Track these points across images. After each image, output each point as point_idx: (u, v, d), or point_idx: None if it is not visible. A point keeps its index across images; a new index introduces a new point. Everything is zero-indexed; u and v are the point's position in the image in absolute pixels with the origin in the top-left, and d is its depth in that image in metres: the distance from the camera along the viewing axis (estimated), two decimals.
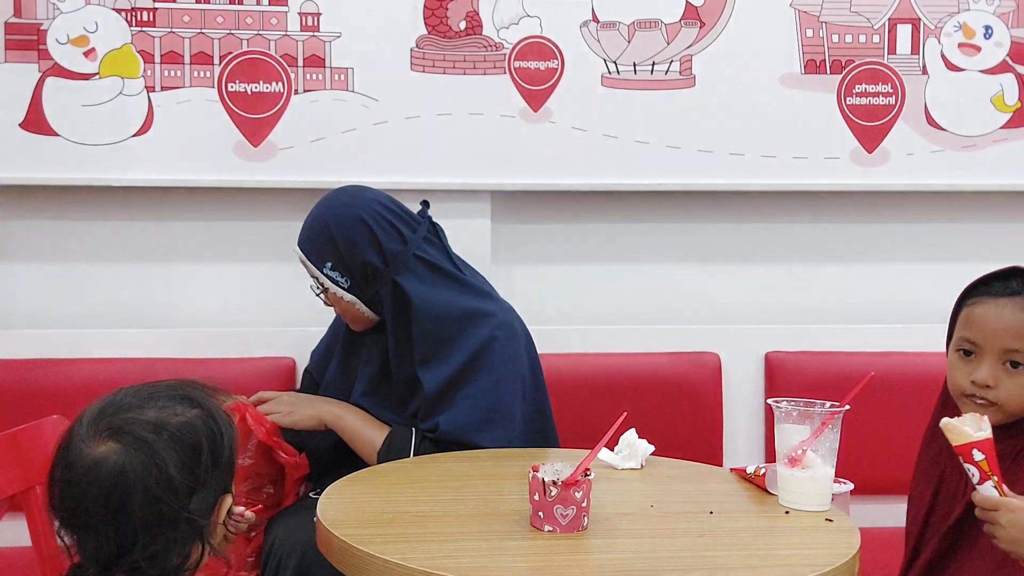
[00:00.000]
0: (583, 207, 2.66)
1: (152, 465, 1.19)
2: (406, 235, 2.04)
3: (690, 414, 2.54)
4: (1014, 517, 1.40)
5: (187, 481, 1.21)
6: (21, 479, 1.69)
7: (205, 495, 1.23)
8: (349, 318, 2.09)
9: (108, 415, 1.23)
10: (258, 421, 1.99)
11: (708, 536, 1.50)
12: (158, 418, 1.23)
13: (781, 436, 1.64)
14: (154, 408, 1.24)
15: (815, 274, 2.73)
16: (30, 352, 2.42)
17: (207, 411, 1.27)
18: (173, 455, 1.21)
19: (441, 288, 2.03)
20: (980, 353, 1.60)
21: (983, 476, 1.42)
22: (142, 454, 1.19)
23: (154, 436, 1.21)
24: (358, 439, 2.02)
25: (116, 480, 1.18)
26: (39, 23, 2.43)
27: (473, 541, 1.45)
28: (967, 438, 1.43)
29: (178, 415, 1.24)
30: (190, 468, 1.22)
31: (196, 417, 1.25)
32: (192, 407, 1.26)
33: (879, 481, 2.48)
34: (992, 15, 2.65)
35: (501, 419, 1.99)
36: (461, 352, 1.99)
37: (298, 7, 2.49)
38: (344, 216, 2.02)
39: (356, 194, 2.08)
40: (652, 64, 2.59)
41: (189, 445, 1.22)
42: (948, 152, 2.67)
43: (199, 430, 1.24)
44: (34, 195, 2.50)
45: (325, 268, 2.03)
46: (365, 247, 2.00)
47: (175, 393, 1.27)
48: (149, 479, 1.19)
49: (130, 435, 1.20)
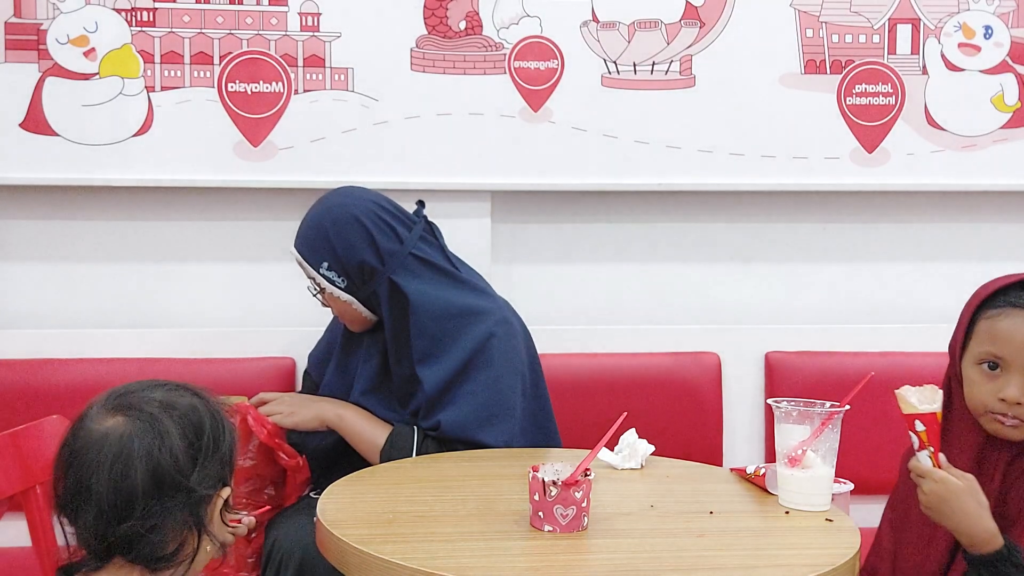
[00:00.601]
0: (583, 207, 2.66)
1: (157, 435, 1.25)
2: (402, 234, 2.04)
3: (690, 414, 2.54)
4: (935, 487, 1.48)
5: (189, 454, 1.27)
6: (21, 479, 1.69)
7: (205, 474, 1.28)
8: (347, 318, 2.09)
9: (116, 397, 1.30)
10: (259, 423, 2.00)
11: (708, 536, 1.50)
12: (165, 398, 1.30)
13: (781, 436, 1.64)
14: (161, 391, 1.31)
15: (815, 274, 2.73)
16: (30, 352, 2.42)
17: (210, 403, 1.34)
18: (177, 429, 1.27)
19: (438, 286, 2.04)
20: (1008, 369, 1.53)
21: (921, 445, 1.52)
22: (148, 425, 1.26)
23: (160, 411, 1.28)
24: (360, 439, 2.02)
25: (121, 447, 1.24)
26: (39, 23, 2.43)
27: (473, 541, 1.45)
28: (912, 409, 1.52)
29: (183, 398, 1.32)
30: (192, 442, 1.28)
31: (200, 403, 1.33)
32: (196, 397, 1.33)
33: (879, 481, 2.47)
34: (992, 15, 2.65)
35: (503, 415, 1.99)
36: (460, 350, 2.00)
37: (298, 7, 2.49)
38: (340, 216, 2.02)
39: (351, 194, 2.09)
40: (652, 64, 2.59)
41: (193, 424, 1.29)
42: (948, 152, 2.67)
43: (203, 413, 1.31)
44: (34, 195, 2.49)
45: (322, 268, 2.03)
46: (361, 247, 2.00)
47: (180, 385, 1.35)
48: (154, 447, 1.25)
49: (137, 409, 1.27)
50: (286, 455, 2.02)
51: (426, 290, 2.02)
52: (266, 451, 2.01)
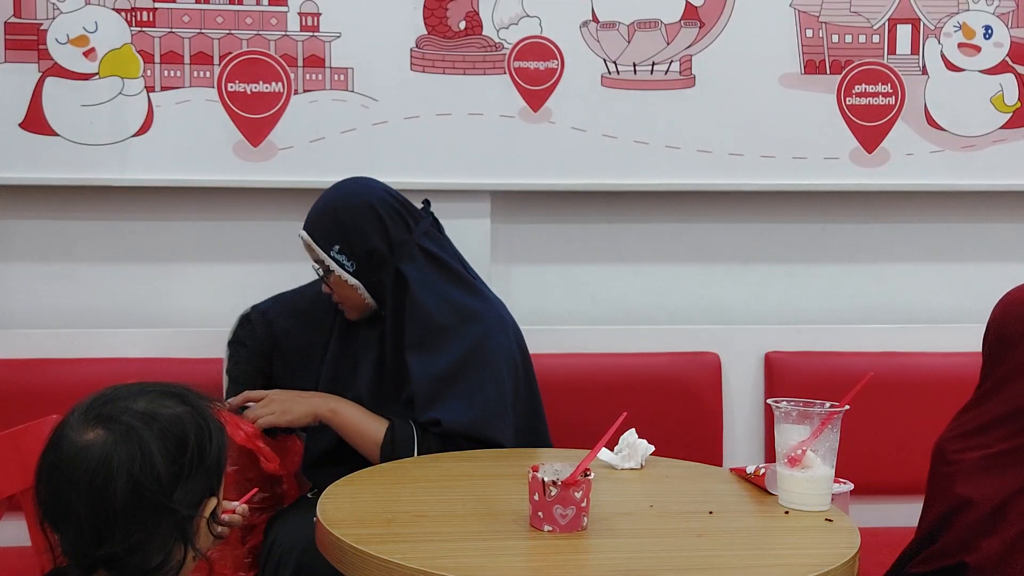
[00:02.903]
0: (583, 207, 2.66)
1: (137, 452, 1.19)
2: (411, 226, 2.08)
3: (690, 414, 2.54)
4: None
5: (171, 471, 1.21)
6: (21, 479, 1.69)
7: (189, 490, 1.23)
8: (347, 304, 2.11)
9: (98, 405, 1.24)
10: (235, 425, 1.94)
11: (708, 536, 1.50)
12: (147, 408, 1.23)
13: (781, 436, 1.64)
14: (144, 400, 1.25)
15: (815, 274, 2.73)
16: (30, 352, 2.42)
17: (197, 410, 1.28)
18: (159, 445, 1.21)
19: (439, 280, 2.07)
20: None
21: None
22: (128, 441, 1.20)
23: (142, 425, 1.21)
24: (356, 433, 2.02)
25: (100, 464, 1.18)
26: (39, 23, 2.43)
27: (473, 541, 1.45)
28: None
29: (167, 407, 1.25)
30: (174, 459, 1.22)
31: (185, 413, 1.26)
32: (182, 404, 1.27)
33: (879, 481, 2.48)
34: (992, 15, 2.65)
35: (501, 414, 2.00)
36: (456, 347, 2.01)
37: (298, 7, 2.49)
38: (354, 202, 2.07)
39: (365, 183, 2.14)
40: (652, 64, 2.59)
41: (176, 437, 1.23)
42: (948, 152, 2.67)
43: (187, 425, 1.24)
44: (34, 195, 2.49)
45: (332, 251, 2.05)
46: (373, 233, 2.04)
47: (167, 390, 1.28)
48: (134, 465, 1.19)
49: (118, 423, 1.21)
50: (266, 458, 1.97)
51: (428, 282, 2.05)
52: (246, 454, 1.97)
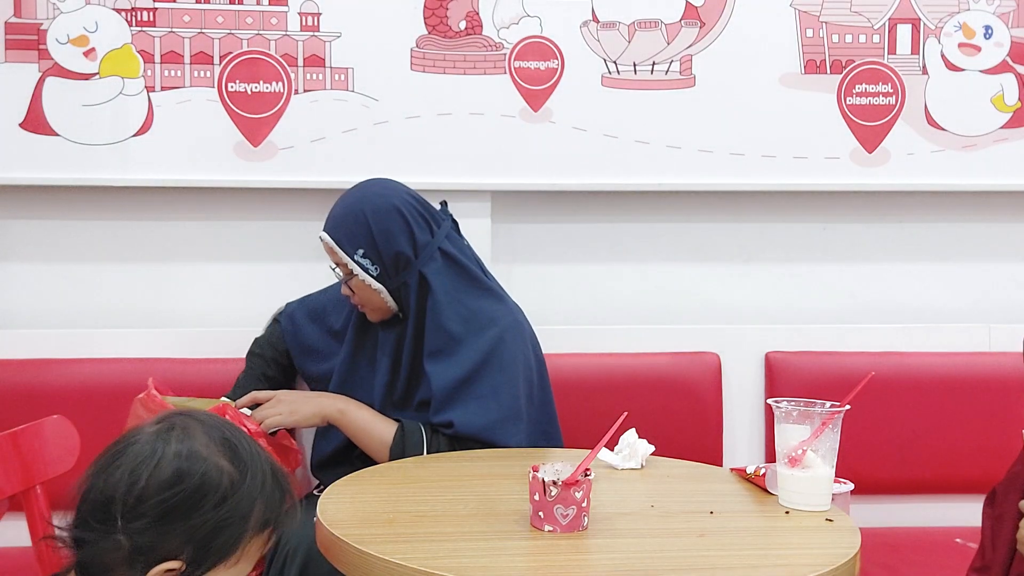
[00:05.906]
0: (583, 207, 2.66)
1: (150, 453, 1.18)
2: (433, 228, 2.09)
3: (690, 414, 2.53)
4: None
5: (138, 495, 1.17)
6: (21, 479, 1.69)
7: (148, 528, 1.17)
8: (369, 307, 2.11)
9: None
10: (239, 424, 1.91)
11: (708, 536, 1.50)
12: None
13: (781, 436, 1.64)
14: (205, 438, 1.22)
15: (815, 274, 2.73)
16: (30, 352, 2.42)
17: (236, 481, 1.23)
18: (166, 469, 1.18)
19: (459, 285, 2.08)
20: None
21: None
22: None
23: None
24: (364, 434, 2.02)
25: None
26: (39, 23, 2.43)
27: (473, 541, 1.45)
28: None
29: (217, 457, 1.22)
30: (168, 485, 1.17)
31: (222, 472, 1.21)
32: (233, 465, 1.23)
33: (879, 481, 2.49)
34: (992, 15, 2.65)
35: (516, 417, 2.01)
36: (474, 350, 2.01)
37: (298, 7, 2.49)
38: (380, 205, 2.06)
39: (389, 185, 2.13)
40: (652, 64, 2.59)
41: (181, 472, 1.18)
42: (948, 152, 2.67)
43: (211, 482, 1.19)
44: (34, 195, 2.49)
45: (356, 255, 2.04)
46: (399, 236, 2.04)
47: (237, 443, 1.26)
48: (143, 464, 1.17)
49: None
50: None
51: (448, 288, 2.06)
52: None
